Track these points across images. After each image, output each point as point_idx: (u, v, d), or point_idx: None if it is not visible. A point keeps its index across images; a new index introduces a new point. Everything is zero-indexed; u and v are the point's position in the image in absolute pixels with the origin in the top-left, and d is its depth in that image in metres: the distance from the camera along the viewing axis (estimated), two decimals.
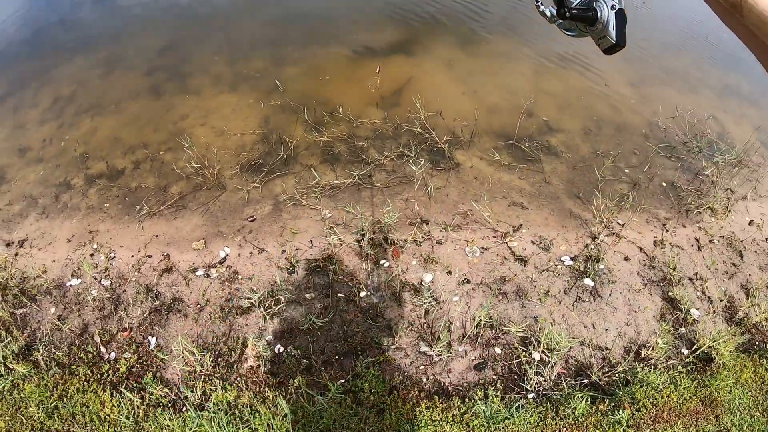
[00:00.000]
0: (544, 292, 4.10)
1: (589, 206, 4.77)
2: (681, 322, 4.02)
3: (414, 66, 6.50)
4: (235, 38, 7.36)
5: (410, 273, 4.21)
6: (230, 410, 3.50)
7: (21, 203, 5.26)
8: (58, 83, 6.92)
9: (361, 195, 4.85)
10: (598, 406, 3.48)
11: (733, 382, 3.71)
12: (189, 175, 5.16)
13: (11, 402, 3.67)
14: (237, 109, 5.98)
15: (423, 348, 3.77)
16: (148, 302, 4.13)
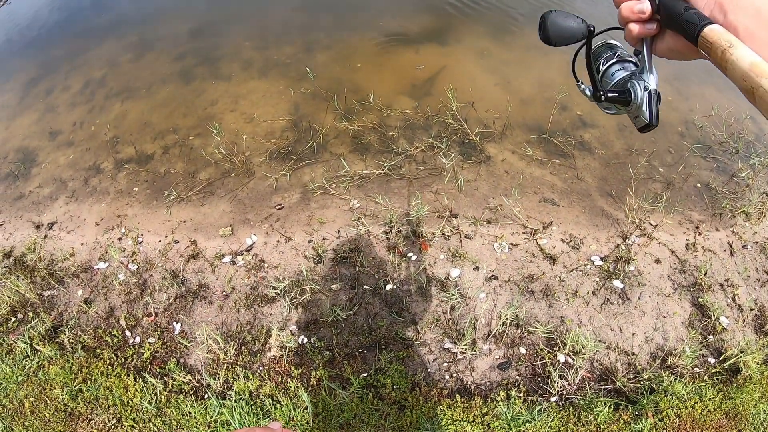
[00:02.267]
0: (572, 292, 4.03)
1: (621, 205, 4.67)
2: (710, 329, 3.92)
3: (447, 55, 6.42)
4: (266, 23, 7.33)
5: (437, 267, 4.17)
6: (252, 400, 3.50)
7: (51, 186, 5.31)
8: (89, 67, 6.98)
9: (390, 186, 4.81)
10: (621, 414, 3.41)
11: (759, 396, 3.61)
12: (218, 161, 5.16)
13: (36, 383, 3.72)
14: (267, 96, 5.96)
15: (447, 345, 3.73)
16: (174, 288, 4.14)
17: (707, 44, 0.92)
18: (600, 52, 1.29)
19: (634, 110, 1.15)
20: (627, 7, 1.09)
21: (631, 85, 1.15)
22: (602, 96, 1.19)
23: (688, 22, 0.95)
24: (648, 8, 1.05)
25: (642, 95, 1.11)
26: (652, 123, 1.11)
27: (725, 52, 0.87)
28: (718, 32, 0.90)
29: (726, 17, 0.93)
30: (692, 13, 0.95)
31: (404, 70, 6.29)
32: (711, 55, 0.92)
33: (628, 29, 1.11)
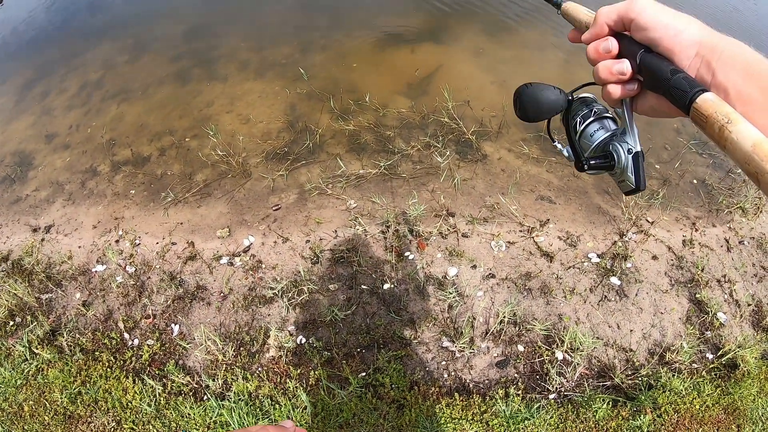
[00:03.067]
0: (569, 289, 4.04)
1: (617, 202, 4.68)
2: (707, 325, 3.93)
3: (442, 54, 6.42)
4: (262, 24, 7.34)
5: (435, 266, 4.18)
6: (251, 400, 3.51)
7: (47, 189, 5.31)
8: (85, 69, 6.99)
9: (387, 185, 4.81)
10: (620, 411, 3.42)
11: (757, 391, 3.63)
12: (214, 162, 5.16)
13: (35, 386, 3.72)
14: (263, 97, 5.96)
15: (445, 343, 3.74)
16: (172, 290, 4.14)
17: (701, 118, 0.82)
18: (575, 110, 1.21)
19: (618, 174, 1.08)
20: (605, 68, 1.00)
21: (613, 149, 1.08)
22: (585, 165, 1.12)
23: (677, 89, 0.86)
24: (628, 69, 0.97)
25: (626, 159, 1.05)
26: (640, 188, 1.05)
27: (723, 129, 0.77)
28: (712, 103, 0.80)
29: (715, 76, 0.85)
30: (680, 78, 0.86)
31: (400, 69, 6.30)
32: (706, 130, 0.82)
33: (607, 91, 1.02)
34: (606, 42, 1.00)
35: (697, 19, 0.91)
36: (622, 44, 0.98)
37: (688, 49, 0.87)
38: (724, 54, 0.84)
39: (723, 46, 0.85)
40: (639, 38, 0.94)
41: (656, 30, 0.90)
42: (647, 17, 0.90)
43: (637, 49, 0.94)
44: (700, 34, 0.87)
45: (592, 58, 1.03)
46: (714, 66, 0.84)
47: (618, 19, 0.96)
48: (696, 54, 0.87)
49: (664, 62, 0.90)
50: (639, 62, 0.94)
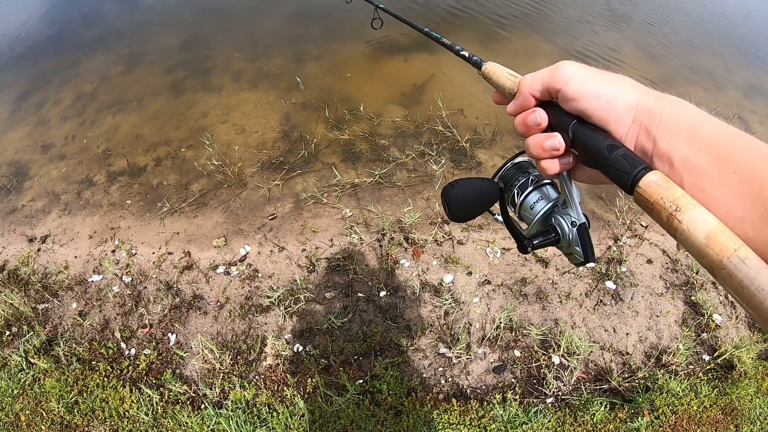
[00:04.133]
0: (565, 294, 4.06)
1: (611, 207, 4.71)
2: (703, 327, 3.95)
3: (435, 63, 6.46)
4: (256, 35, 7.38)
5: (431, 273, 4.19)
6: (248, 409, 3.51)
7: (43, 199, 5.31)
8: (80, 80, 7.00)
9: (382, 194, 4.83)
10: (617, 413, 3.43)
11: (754, 391, 3.64)
12: (210, 172, 5.17)
13: (32, 396, 3.71)
14: (258, 107, 5.99)
15: (442, 349, 3.75)
16: (169, 299, 4.14)
17: (647, 203, 0.74)
18: (511, 178, 1.12)
19: (565, 248, 1.00)
20: (536, 144, 0.91)
21: (556, 222, 1.00)
22: (530, 248, 1.03)
23: (617, 170, 0.78)
24: (561, 145, 0.88)
25: (570, 232, 0.97)
26: (589, 260, 0.97)
27: (671, 219, 0.70)
28: (657, 188, 0.73)
29: (656, 145, 0.76)
30: (619, 155, 0.78)
31: (394, 78, 6.34)
32: (653, 216, 0.75)
33: (541, 167, 0.93)
34: (533, 114, 0.91)
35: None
36: (551, 115, 0.90)
37: (623, 116, 0.80)
38: (664, 118, 0.76)
39: (662, 109, 0.77)
40: (568, 108, 0.85)
41: (586, 100, 0.81)
42: (574, 87, 0.82)
43: (569, 120, 0.86)
44: (636, 99, 0.80)
45: (520, 131, 0.95)
46: (654, 133, 0.76)
47: (543, 89, 0.88)
48: (633, 121, 0.79)
49: (600, 136, 0.82)
50: (572, 136, 0.86)
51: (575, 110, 0.84)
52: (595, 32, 7.59)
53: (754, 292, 0.58)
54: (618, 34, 7.62)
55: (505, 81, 1.07)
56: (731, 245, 0.63)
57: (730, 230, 0.65)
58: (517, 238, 1.09)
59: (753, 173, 0.66)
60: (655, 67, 6.88)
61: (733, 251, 0.62)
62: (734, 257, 0.61)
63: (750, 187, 0.65)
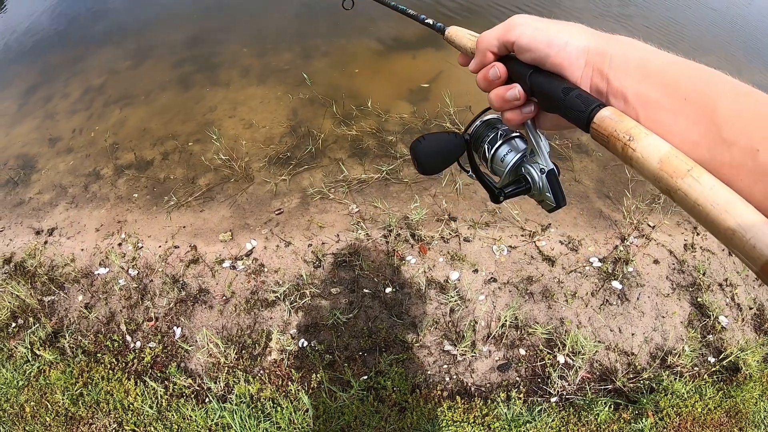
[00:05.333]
0: (571, 293, 4.05)
1: (619, 207, 4.69)
2: (709, 329, 3.93)
3: (443, 60, 6.44)
4: (264, 30, 7.37)
5: (437, 270, 4.18)
6: (252, 403, 3.51)
7: (51, 192, 5.33)
8: (88, 74, 7.02)
9: (389, 190, 4.82)
10: (621, 414, 3.42)
11: (759, 394, 3.62)
12: (217, 167, 5.18)
13: (37, 388, 3.72)
14: (265, 102, 5.99)
15: (447, 347, 3.74)
16: (175, 293, 4.15)
17: (602, 137, 0.76)
18: (480, 136, 1.14)
19: (537, 195, 1.03)
20: (497, 96, 0.94)
21: (525, 171, 1.03)
22: (502, 197, 1.07)
23: (572, 110, 0.80)
24: (521, 93, 0.91)
25: (540, 179, 1.00)
26: (560, 204, 1.01)
27: (626, 148, 0.72)
28: (611, 121, 0.75)
29: (610, 84, 0.79)
30: (574, 96, 0.80)
31: (402, 75, 6.32)
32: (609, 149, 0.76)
33: (505, 118, 0.97)
34: (493, 68, 0.95)
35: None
36: (510, 67, 0.94)
37: (576, 60, 0.83)
38: (615, 57, 0.80)
39: (613, 50, 0.80)
40: (525, 59, 0.89)
41: (539, 49, 0.85)
42: (527, 38, 0.86)
43: (526, 70, 0.90)
44: (587, 42, 0.83)
45: (482, 86, 0.98)
46: (607, 73, 0.79)
47: (499, 44, 0.92)
48: (586, 63, 0.82)
49: (555, 81, 0.85)
50: (530, 84, 0.89)
51: (531, 60, 0.88)
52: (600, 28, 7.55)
53: (710, 209, 0.61)
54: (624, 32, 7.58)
55: (466, 42, 1.15)
56: (684, 167, 0.65)
57: (683, 153, 0.67)
58: (489, 189, 1.13)
59: (704, 98, 0.69)
60: None
61: (686, 171, 0.64)
62: (688, 177, 0.64)
63: (702, 111, 0.68)
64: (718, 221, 0.59)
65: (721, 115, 0.66)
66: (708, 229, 0.61)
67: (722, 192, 0.61)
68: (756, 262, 0.55)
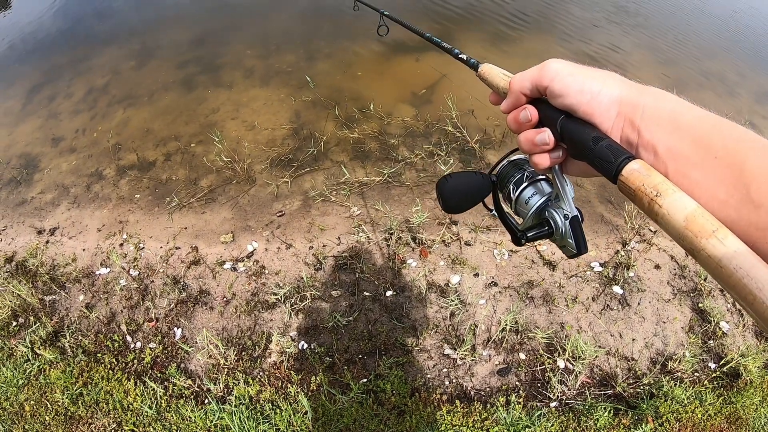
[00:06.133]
0: (571, 298, 4.04)
1: (620, 211, 4.69)
2: (710, 335, 3.93)
3: (447, 63, 6.44)
4: (267, 32, 7.39)
5: (437, 274, 4.18)
6: (252, 404, 3.51)
7: (53, 192, 5.33)
8: (91, 74, 7.04)
9: (391, 193, 4.83)
10: (621, 419, 3.41)
11: (760, 401, 3.61)
12: (219, 168, 5.18)
13: (37, 387, 3.72)
14: (268, 104, 6.00)
15: (447, 350, 3.74)
16: (175, 294, 4.15)
17: (629, 191, 0.76)
18: (507, 176, 1.14)
19: (558, 240, 1.02)
20: (527, 140, 0.94)
21: (549, 215, 1.02)
22: (524, 240, 1.05)
23: (601, 160, 0.80)
24: (551, 139, 0.91)
25: (563, 225, 0.99)
26: (581, 251, 0.99)
27: (653, 204, 0.71)
28: (639, 175, 0.74)
29: (641, 136, 0.78)
30: (603, 146, 0.80)
31: (405, 78, 6.33)
32: (636, 203, 0.76)
33: (533, 161, 0.96)
34: (524, 111, 0.94)
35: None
36: (541, 111, 0.93)
37: (608, 110, 0.82)
38: (647, 109, 0.79)
39: (645, 101, 0.79)
40: (556, 104, 0.88)
41: (571, 96, 0.84)
42: (559, 83, 0.85)
43: (557, 115, 0.89)
44: (619, 92, 0.82)
45: (513, 128, 0.99)
46: (638, 124, 0.79)
47: (532, 87, 0.92)
48: (618, 114, 0.82)
49: (586, 129, 0.84)
50: (560, 130, 0.89)
51: (562, 106, 0.87)
52: (606, 35, 7.56)
53: (733, 271, 0.59)
54: (629, 38, 7.60)
55: (499, 81, 1.15)
56: (709, 227, 0.64)
57: (709, 213, 0.66)
58: (511, 230, 1.11)
59: (733, 157, 0.67)
60: (666, 72, 6.85)
61: (711, 232, 0.63)
62: (712, 238, 0.63)
63: (731, 170, 0.67)
64: (740, 285, 0.58)
65: (750, 175, 0.65)
66: (730, 292, 0.61)
67: (746, 255, 0.60)
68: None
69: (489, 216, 4.59)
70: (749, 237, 0.62)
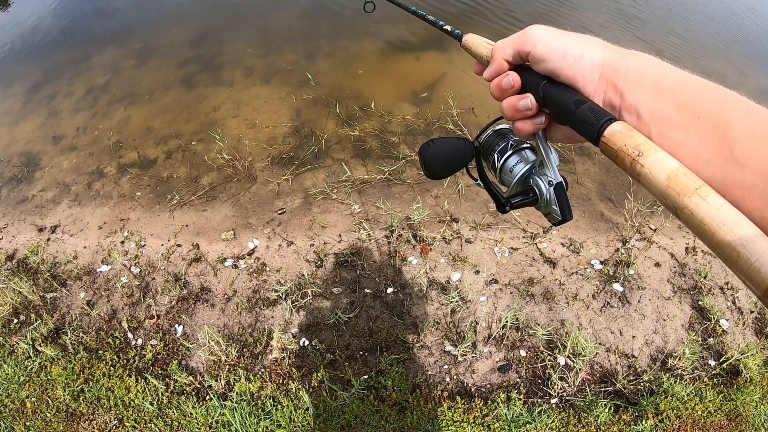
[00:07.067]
0: (572, 295, 4.05)
1: (620, 209, 4.69)
2: (710, 332, 3.93)
3: (447, 61, 6.45)
4: (268, 30, 7.39)
5: (438, 271, 4.19)
6: (253, 401, 3.51)
7: (54, 190, 5.34)
8: (92, 72, 7.05)
9: (392, 190, 4.83)
10: (621, 416, 3.42)
11: (760, 398, 3.62)
12: (220, 166, 5.19)
13: (38, 383, 3.73)
14: (269, 102, 6.00)
15: (448, 347, 3.75)
16: (177, 291, 4.16)
17: (611, 151, 0.76)
18: (491, 145, 1.13)
19: (543, 207, 1.03)
20: (509, 105, 0.94)
21: (534, 182, 1.03)
22: (508, 207, 1.06)
23: (583, 122, 0.81)
24: (533, 104, 0.91)
25: (548, 192, 0.99)
26: (566, 218, 1.00)
27: (634, 163, 0.71)
28: (621, 135, 0.75)
29: (623, 98, 0.79)
30: (585, 109, 0.80)
31: (405, 76, 6.33)
32: (618, 163, 0.76)
33: (516, 127, 0.97)
34: (507, 77, 0.95)
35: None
36: (524, 77, 0.94)
37: (590, 73, 0.83)
38: (630, 72, 0.79)
39: (627, 64, 0.80)
40: (539, 70, 0.89)
41: (553, 60, 0.85)
42: (542, 48, 0.86)
43: (539, 81, 0.90)
44: (601, 56, 0.83)
45: (496, 95, 0.99)
46: (621, 87, 0.79)
47: (515, 53, 0.92)
48: (600, 77, 0.82)
49: (568, 93, 0.85)
50: (543, 95, 0.90)
51: (545, 71, 0.88)
52: (607, 32, 7.54)
53: (717, 228, 0.60)
54: (629, 36, 7.59)
55: (482, 50, 1.13)
56: (692, 185, 0.64)
57: (691, 171, 0.67)
58: (495, 198, 1.12)
59: (717, 117, 0.68)
60: None
61: (693, 190, 0.64)
62: (695, 196, 0.63)
63: (715, 130, 0.68)
64: (724, 242, 0.59)
65: (733, 135, 0.66)
66: (713, 250, 0.61)
67: (730, 212, 0.60)
68: (760, 286, 0.55)
69: (490, 214, 4.60)
70: (733, 196, 0.63)
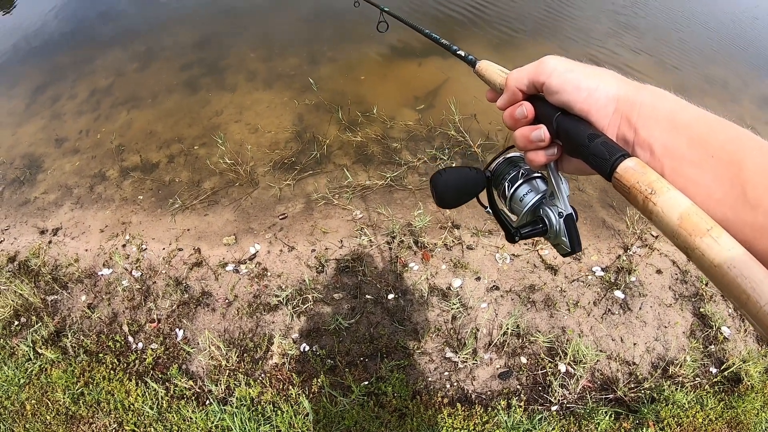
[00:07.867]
0: (573, 302, 4.04)
1: (622, 216, 4.69)
2: (711, 339, 3.92)
3: (449, 68, 6.45)
4: (271, 35, 7.40)
5: (439, 277, 4.19)
6: (253, 406, 3.51)
7: (56, 192, 5.36)
8: (95, 75, 7.07)
9: (393, 196, 4.83)
10: (622, 423, 3.41)
11: (761, 405, 3.61)
12: (222, 170, 5.19)
13: (38, 386, 3.73)
14: (271, 107, 6.01)
15: (448, 354, 3.74)
16: (177, 295, 4.16)
17: (624, 188, 0.75)
18: (502, 173, 1.13)
19: (552, 238, 1.02)
20: (522, 136, 0.93)
21: (544, 213, 1.02)
22: (517, 237, 1.05)
23: (596, 157, 0.79)
24: (546, 136, 0.90)
25: (557, 223, 0.99)
26: (575, 250, 0.99)
27: (647, 201, 0.70)
28: (634, 172, 0.74)
29: (637, 134, 0.78)
30: (599, 143, 0.79)
31: (407, 82, 6.34)
32: (630, 201, 0.74)
33: (528, 158, 0.95)
34: (521, 107, 0.94)
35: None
36: (537, 108, 0.93)
37: (604, 107, 0.82)
38: (644, 107, 0.78)
39: (642, 99, 0.79)
40: (553, 101, 0.88)
41: (568, 92, 0.84)
42: (557, 80, 0.85)
43: (553, 112, 0.89)
44: (616, 90, 0.82)
45: (509, 124, 0.98)
46: (635, 122, 0.78)
47: (529, 83, 0.92)
48: (615, 111, 0.81)
49: (582, 126, 0.84)
50: (556, 127, 0.89)
51: (559, 102, 0.87)
52: (609, 40, 7.56)
53: (726, 270, 0.59)
54: (632, 43, 7.59)
55: (496, 77, 1.12)
56: (704, 225, 0.63)
57: (703, 211, 0.65)
58: (505, 227, 1.11)
59: (731, 156, 0.67)
60: (668, 77, 6.84)
61: (705, 231, 0.63)
62: (707, 237, 0.62)
63: (728, 169, 0.67)
64: (734, 284, 0.58)
65: (747, 175, 0.65)
66: (723, 291, 0.60)
67: (740, 255, 0.59)
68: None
69: (491, 220, 4.59)
70: (744, 237, 0.62)
